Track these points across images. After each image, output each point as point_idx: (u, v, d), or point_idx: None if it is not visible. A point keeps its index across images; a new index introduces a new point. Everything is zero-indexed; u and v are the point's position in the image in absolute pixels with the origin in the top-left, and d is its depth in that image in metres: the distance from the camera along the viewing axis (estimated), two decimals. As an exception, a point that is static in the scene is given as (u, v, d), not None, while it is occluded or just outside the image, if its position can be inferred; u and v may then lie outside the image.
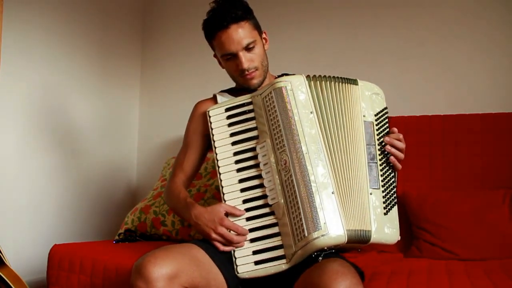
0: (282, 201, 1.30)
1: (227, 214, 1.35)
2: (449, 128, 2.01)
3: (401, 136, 1.39)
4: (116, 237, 2.21)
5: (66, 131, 2.56)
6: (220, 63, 1.59)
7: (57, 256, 1.86)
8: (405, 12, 2.33)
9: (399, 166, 1.37)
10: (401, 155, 1.37)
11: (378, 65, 2.35)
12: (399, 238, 1.31)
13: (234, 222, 1.33)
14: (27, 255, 2.33)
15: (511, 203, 1.75)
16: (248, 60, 1.47)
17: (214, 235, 1.33)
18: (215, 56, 1.59)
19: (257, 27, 1.52)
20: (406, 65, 2.31)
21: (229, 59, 1.50)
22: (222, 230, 1.32)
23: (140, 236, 2.19)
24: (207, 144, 1.60)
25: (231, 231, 1.33)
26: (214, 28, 1.47)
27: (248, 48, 1.46)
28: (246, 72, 1.48)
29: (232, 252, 1.32)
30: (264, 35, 1.56)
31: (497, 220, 1.73)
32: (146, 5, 3.08)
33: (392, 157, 1.35)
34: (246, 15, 1.47)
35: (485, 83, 2.16)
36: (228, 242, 1.32)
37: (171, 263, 1.20)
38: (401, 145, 1.37)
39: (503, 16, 2.15)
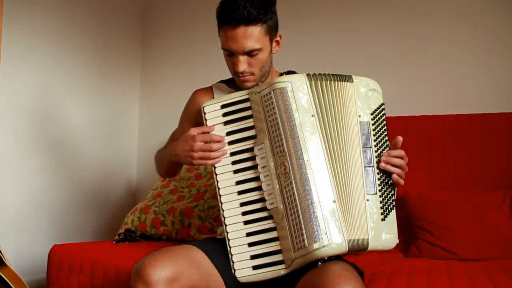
0: (281, 207, 1.25)
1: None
2: (449, 128, 2.01)
3: (402, 152, 1.31)
4: (116, 237, 2.21)
5: (66, 131, 2.56)
6: None
7: (57, 256, 1.86)
8: (405, 12, 2.33)
9: (401, 182, 1.30)
10: (401, 172, 1.30)
11: (378, 65, 2.34)
12: (397, 242, 1.28)
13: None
14: (27, 255, 2.33)
15: (511, 203, 1.75)
16: (246, 64, 1.39)
17: (194, 154, 1.33)
18: None
19: (271, 31, 1.40)
20: (406, 65, 2.31)
21: (228, 55, 1.41)
22: (198, 145, 1.32)
23: (140, 236, 2.19)
24: None
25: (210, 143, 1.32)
26: (222, 19, 1.36)
27: (250, 54, 1.38)
28: (240, 75, 1.41)
29: (230, 255, 1.29)
30: (277, 38, 1.45)
31: (497, 220, 1.73)
32: (146, 5, 3.07)
33: (394, 176, 1.29)
34: (261, 17, 1.34)
35: (485, 83, 2.16)
36: (209, 152, 1.32)
37: (171, 265, 1.18)
38: (400, 162, 1.29)
39: (503, 15, 2.14)
